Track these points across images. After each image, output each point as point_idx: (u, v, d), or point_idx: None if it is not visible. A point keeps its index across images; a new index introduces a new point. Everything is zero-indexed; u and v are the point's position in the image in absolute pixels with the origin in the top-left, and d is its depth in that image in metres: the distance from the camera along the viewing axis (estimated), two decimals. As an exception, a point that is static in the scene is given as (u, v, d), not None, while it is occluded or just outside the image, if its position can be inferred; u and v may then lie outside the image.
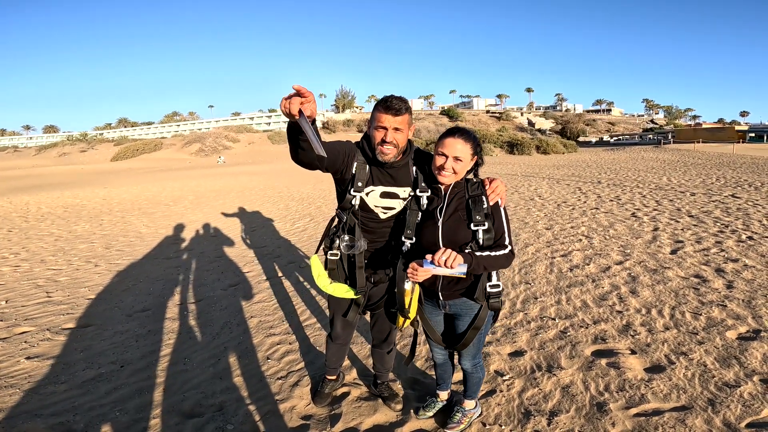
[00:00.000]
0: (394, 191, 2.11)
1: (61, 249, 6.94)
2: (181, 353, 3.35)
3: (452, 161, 1.89)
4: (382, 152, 1.98)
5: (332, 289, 2.21)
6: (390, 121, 1.93)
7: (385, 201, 2.11)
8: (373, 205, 2.12)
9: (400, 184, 2.11)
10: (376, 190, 2.10)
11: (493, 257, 1.85)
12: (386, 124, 1.93)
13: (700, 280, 4.44)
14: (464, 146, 1.89)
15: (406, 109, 1.96)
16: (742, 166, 17.65)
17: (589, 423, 2.36)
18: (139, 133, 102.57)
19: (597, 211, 8.63)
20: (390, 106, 1.92)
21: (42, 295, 4.71)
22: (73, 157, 63.49)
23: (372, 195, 2.10)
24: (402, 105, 1.93)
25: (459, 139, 1.89)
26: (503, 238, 1.91)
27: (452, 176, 1.93)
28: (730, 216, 7.49)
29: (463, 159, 1.90)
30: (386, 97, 1.95)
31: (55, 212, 10.84)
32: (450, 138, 1.90)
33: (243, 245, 6.95)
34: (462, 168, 1.92)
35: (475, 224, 1.89)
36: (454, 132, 1.92)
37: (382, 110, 1.94)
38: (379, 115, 1.95)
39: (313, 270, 2.24)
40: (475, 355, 2.22)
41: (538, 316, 3.79)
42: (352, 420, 2.50)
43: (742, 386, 2.60)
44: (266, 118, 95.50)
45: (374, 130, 1.99)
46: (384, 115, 1.93)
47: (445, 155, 1.89)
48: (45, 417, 2.56)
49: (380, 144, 1.97)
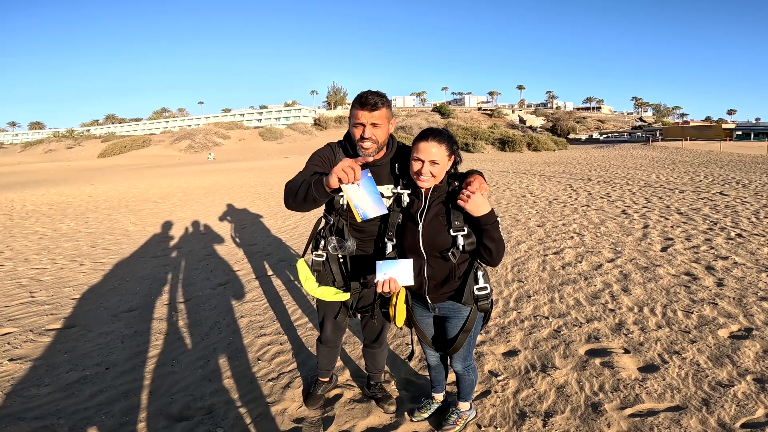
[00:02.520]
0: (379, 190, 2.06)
1: (46, 247, 6.79)
2: (168, 354, 3.27)
3: (429, 165, 1.84)
4: (362, 148, 1.96)
5: (320, 293, 2.16)
6: (367, 117, 1.91)
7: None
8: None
9: (384, 182, 2.07)
10: None
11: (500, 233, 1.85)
12: (363, 120, 1.91)
13: (690, 277, 4.47)
14: (439, 148, 1.84)
15: (383, 103, 1.92)
16: (729, 164, 17.91)
17: (585, 424, 2.34)
18: (126, 129, 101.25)
19: (588, 208, 8.68)
20: (366, 102, 1.89)
21: (25, 295, 4.59)
22: (59, 154, 62.43)
23: None
24: (378, 100, 1.90)
25: (433, 142, 1.84)
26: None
27: (431, 180, 1.89)
28: (719, 213, 7.57)
29: (439, 161, 1.85)
30: (362, 93, 1.92)
31: (39, 210, 10.61)
32: (423, 142, 1.85)
33: (233, 243, 6.85)
34: (440, 170, 1.88)
35: (454, 230, 1.85)
36: (426, 135, 1.86)
37: (358, 107, 1.91)
38: (355, 112, 1.93)
39: (300, 274, 2.19)
40: (465, 357, 2.18)
41: (531, 314, 3.77)
42: (345, 422, 2.46)
43: (736, 386, 2.60)
44: (257, 114, 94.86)
45: (353, 128, 1.97)
46: (360, 111, 1.91)
47: (421, 160, 1.85)
48: (28, 420, 2.48)
49: (359, 140, 1.96)
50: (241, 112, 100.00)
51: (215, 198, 12.14)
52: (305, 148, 54.03)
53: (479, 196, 1.76)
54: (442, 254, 1.88)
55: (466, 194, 1.76)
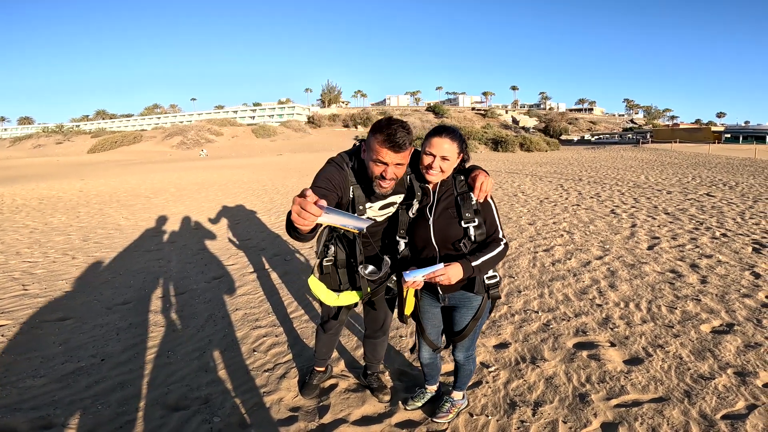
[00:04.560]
0: (391, 201, 2.06)
1: (37, 241, 6.74)
2: (164, 346, 3.30)
3: (440, 160, 1.91)
4: (380, 186, 1.82)
5: (342, 301, 2.18)
6: (392, 157, 1.72)
7: (383, 211, 2.09)
8: (371, 215, 2.07)
9: (396, 193, 2.05)
10: (375, 205, 2.03)
11: (491, 258, 1.90)
12: (387, 159, 1.72)
13: (675, 275, 4.58)
14: (451, 145, 1.90)
15: (410, 142, 1.76)
16: (717, 166, 18.21)
17: (572, 413, 2.42)
18: (117, 125, 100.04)
19: (578, 207, 8.80)
20: (394, 141, 1.67)
21: (18, 288, 4.58)
22: (49, 149, 61.50)
23: (371, 210, 2.04)
24: (406, 139, 1.71)
25: (446, 138, 1.90)
26: (497, 232, 1.96)
27: (440, 175, 1.95)
28: (705, 214, 7.73)
29: (450, 158, 1.91)
30: (389, 126, 1.68)
31: (30, 204, 10.50)
32: (437, 138, 1.90)
33: (226, 238, 6.86)
34: (449, 166, 1.95)
35: (465, 221, 1.92)
36: (440, 131, 1.92)
37: (384, 144, 1.69)
38: (379, 148, 1.71)
39: (314, 291, 2.18)
40: (469, 347, 2.24)
41: (521, 309, 3.86)
42: (340, 411, 2.51)
43: (717, 378, 2.70)
44: (250, 111, 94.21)
45: (372, 163, 1.77)
46: (386, 150, 1.70)
47: (433, 155, 1.91)
48: (25, 411, 2.50)
49: (379, 179, 1.79)
50: (234, 109, 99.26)
51: (208, 194, 12.09)
52: (298, 145, 53.87)
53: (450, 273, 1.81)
54: (454, 245, 1.94)
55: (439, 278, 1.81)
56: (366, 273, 2.01)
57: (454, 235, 1.94)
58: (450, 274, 1.81)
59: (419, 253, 2.05)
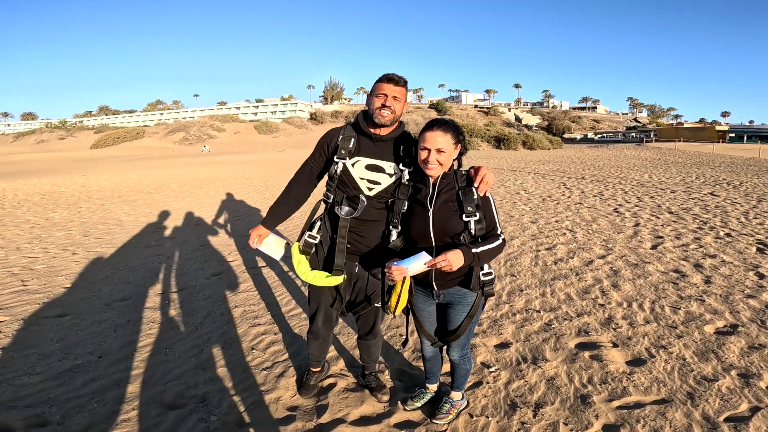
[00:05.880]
0: (380, 164, 2.15)
1: (38, 236, 6.73)
2: (162, 343, 3.27)
3: (435, 154, 1.90)
4: (380, 115, 2.10)
5: (311, 277, 2.21)
6: (390, 90, 2.09)
7: (370, 174, 2.15)
8: (358, 177, 2.15)
9: (386, 158, 2.16)
10: (362, 160, 2.16)
11: (491, 249, 1.87)
12: (387, 91, 2.09)
13: (679, 275, 4.53)
14: (445, 137, 1.90)
15: (405, 83, 2.13)
16: (721, 166, 18.10)
17: (574, 415, 2.39)
18: (120, 121, 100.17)
19: (581, 206, 8.75)
20: (391, 77, 2.10)
21: (17, 284, 4.56)
22: (52, 144, 61.71)
23: (357, 165, 2.16)
24: (401, 78, 2.11)
25: (438, 131, 1.90)
26: (495, 228, 1.94)
27: (438, 168, 1.93)
28: (709, 213, 7.67)
29: (445, 150, 1.90)
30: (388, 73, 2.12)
31: (31, 199, 10.51)
32: (429, 132, 1.91)
33: (227, 234, 6.84)
34: (447, 158, 1.93)
35: (467, 215, 1.89)
36: (432, 125, 1.93)
37: (384, 81, 2.10)
38: (380, 84, 2.10)
39: (293, 258, 2.28)
40: (464, 346, 2.22)
41: (523, 308, 3.82)
42: (338, 411, 2.48)
43: (720, 380, 2.66)
44: (253, 108, 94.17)
45: (374, 98, 2.12)
46: (385, 84, 2.10)
47: (428, 149, 1.90)
48: (20, 409, 2.48)
49: (379, 108, 2.10)
50: (236, 105, 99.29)
51: (210, 190, 12.08)
52: (300, 142, 53.77)
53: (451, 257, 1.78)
54: (453, 239, 1.91)
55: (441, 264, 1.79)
56: (342, 213, 2.16)
57: (453, 228, 1.92)
58: (451, 258, 1.77)
59: (413, 245, 2.03)
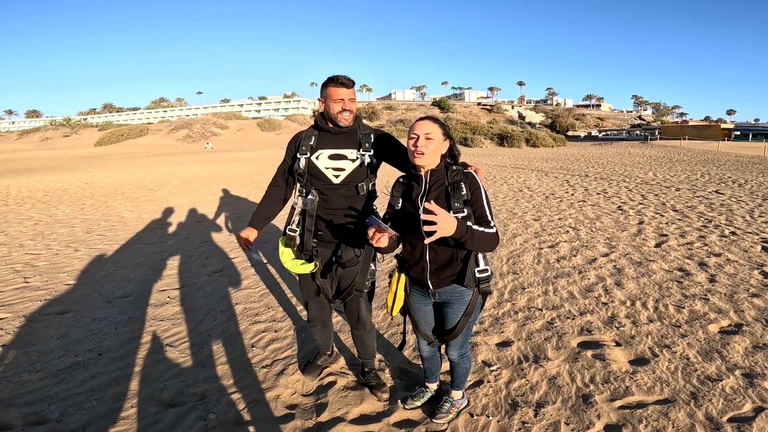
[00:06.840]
0: (341, 152, 2.31)
1: (41, 233, 6.75)
2: (162, 341, 3.27)
3: (424, 139, 1.89)
4: (343, 118, 2.26)
5: (291, 265, 2.36)
6: (345, 94, 2.25)
7: (334, 162, 2.30)
8: (323, 167, 2.29)
9: (347, 146, 2.32)
10: (325, 152, 2.31)
11: (484, 234, 1.80)
12: (343, 96, 2.25)
13: (683, 273, 4.49)
14: (433, 125, 1.93)
15: (353, 83, 2.30)
16: (727, 164, 17.96)
17: (575, 415, 2.36)
18: (124, 118, 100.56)
19: (584, 203, 8.69)
20: (343, 82, 2.24)
21: (19, 281, 4.57)
22: (56, 142, 61.98)
23: (321, 157, 2.31)
24: (351, 81, 2.27)
25: (427, 121, 1.94)
26: (487, 220, 1.87)
27: (426, 154, 1.89)
28: (714, 211, 7.60)
29: (434, 137, 1.90)
30: (334, 76, 2.25)
31: (35, 196, 10.55)
32: (418, 122, 1.95)
33: (229, 231, 6.84)
34: (435, 147, 1.91)
35: (454, 211, 1.86)
36: (421, 118, 1.98)
37: (337, 85, 2.24)
38: (335, 90, 2.24)
39: (279, 249, 2.43)
40: (462, 345, 2.20)
41: (525, 306, 3.79)
42: (338, 409, 2.47)
43: (724, 380, 2.62)
44: (256, 105, 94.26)
45: (332, 103, 2.26)
46: (340, 89, 2.24)
47: (417, 135, 1.91)
48: (19, 406, 2.48)
49: (341, 113, 2.26)
50: (240, 102, 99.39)
51: (212, 186, 12.08)
52: (303, 139, 53.63)
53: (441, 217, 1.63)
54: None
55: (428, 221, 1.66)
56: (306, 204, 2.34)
57: None
58: (442, 219, 1.62)
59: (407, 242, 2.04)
